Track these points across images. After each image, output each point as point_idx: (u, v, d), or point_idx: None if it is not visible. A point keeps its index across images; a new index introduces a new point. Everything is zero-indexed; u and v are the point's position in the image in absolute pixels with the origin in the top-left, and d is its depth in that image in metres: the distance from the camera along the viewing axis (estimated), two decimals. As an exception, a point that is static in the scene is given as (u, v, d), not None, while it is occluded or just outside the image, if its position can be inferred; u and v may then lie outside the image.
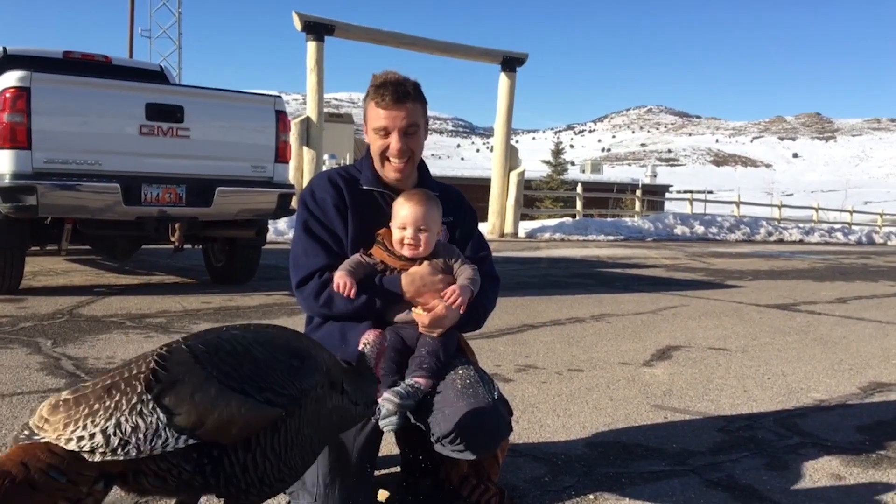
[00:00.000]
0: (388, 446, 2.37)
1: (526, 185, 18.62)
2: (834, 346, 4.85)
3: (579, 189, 22.54)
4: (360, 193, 2.15)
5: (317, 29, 14.26)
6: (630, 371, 3.94)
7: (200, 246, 6.94)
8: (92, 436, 1.38)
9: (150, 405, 1.40)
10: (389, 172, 2.13)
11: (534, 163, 35.11)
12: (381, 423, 1.87)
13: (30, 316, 4.82)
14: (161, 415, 1.39)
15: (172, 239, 6.01)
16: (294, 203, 6.05)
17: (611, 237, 17.94)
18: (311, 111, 14.35)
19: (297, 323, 4.45)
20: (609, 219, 21.06)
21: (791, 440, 2.88)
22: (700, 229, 20.24)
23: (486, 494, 2.03)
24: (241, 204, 6.01)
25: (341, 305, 2.02)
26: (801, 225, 25.00)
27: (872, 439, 2.92)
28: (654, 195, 31.26)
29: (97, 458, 1.38)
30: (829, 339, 5.11)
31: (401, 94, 2.06)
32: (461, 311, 2.02)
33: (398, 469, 2.33)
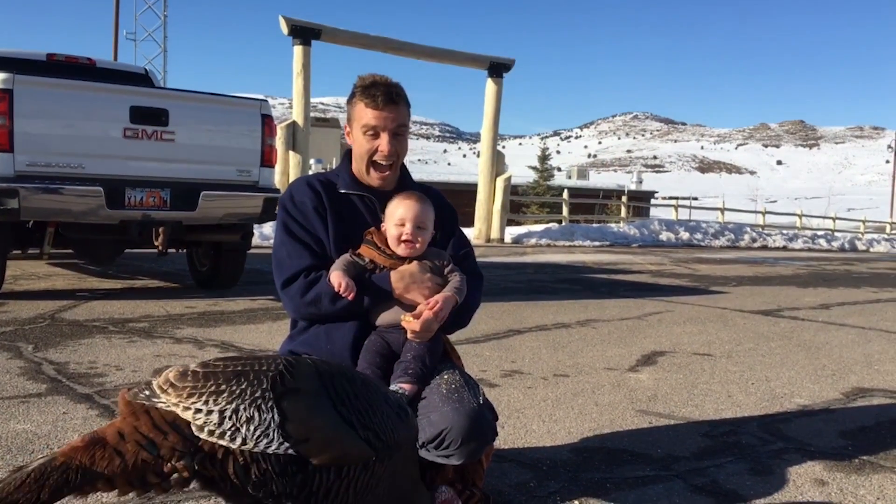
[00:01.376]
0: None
1: (512, 190, 18.65)
2: (817, 351, 4.88)
3: (565, 195, 22.61)
4: (339, 197, 2.17)
5: (303, 33, 14.24)
6: (615, 376, 3.94)
7: (185, 250, 6.90)
8: (209, 412, 1.41)
9: (270, 403, 1.43)
10: (374, 179, 2.16)
11: (520, 168, 35.22)
12: None
13: (11, 320, 4.77)
14: (276, 416, 1.43)
15: (156, 243, 5.96)
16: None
17: (596, 243, 18.00)
18: (297, 115, 14.32)
19: (282, 328, 4.43)
20: (595, 224, 21.13)
21: (775, 445, 2.89)
22: (685, 235, 20.34)
23: (472, 500, 2.02)
24: (226, 208, 5.98)
25: (328, 304, 2.02)
26: (784, 231, 25.18)
27: (855, 444, 2.94)
28: (640, 201, 31.43)
29: (203, 434, 1.41)
30: (812, 344, 5.14)
31: (392, 95, 2.10)
32: (443, 320, 2.03)
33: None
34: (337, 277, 1.99)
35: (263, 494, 1.47)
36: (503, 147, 19.09)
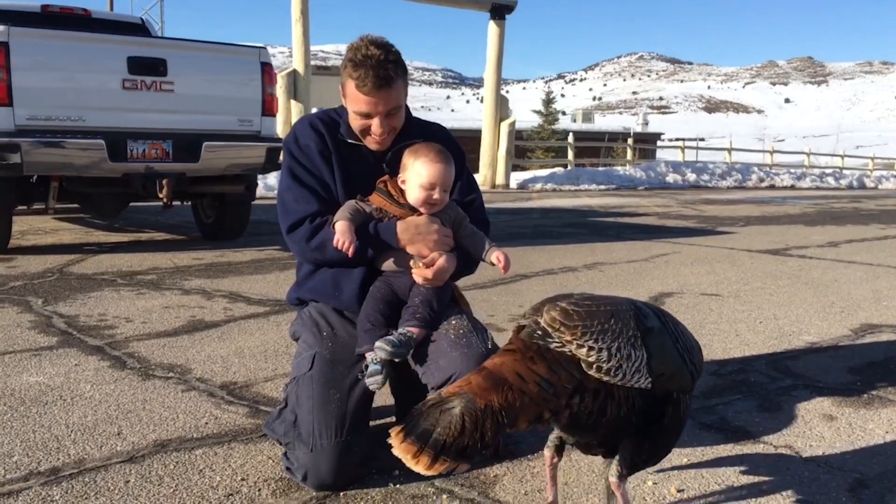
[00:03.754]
0: (384, 397, 2.37)
1: (517, 135, 18.47)
2: (825, 289, 4.88)
3: (570, 139, 22.41)
4: (343, 141, 2.13)
5: (301, -22, 13.93)
6: (623, 318, 3.94)
7: (189, 202, 6.89)
8: (600, 350, 1.50)
9: (639, 342, 1.54)
10: (370, 144, 2.11)
11: (524, 113, 34.84)
12: (366, 381, 1.89)
13: (19, 275, 4.79)
14: (645, 353, 1.53)
15: (160, 195, 5.94)
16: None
17: (602, 186, 17.90)
18: (297, 63, 14.11)
19: (290, 277, 4.43)
20: (601, 168, 20.97)
21: (783, 382, 2.90)
22: (692, 177, 20.19)
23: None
24: (229, 159, 5.94)
25: (333, 251, 2.01)
26: (792, 170, 24.96)
27: (863, 380, 2.95)
28: (646, 143, 31.15)
29: (592, 371, 1.49)
30: (820, 282, 5.13)
31: (382, 80, 1.98)
32: (451, 270, 2.02)
33: (394, 419, 2.33)
34: (340, 232, 1.96)
35: (624, 427, 1.56)
36: (507, 92, 18.85)
